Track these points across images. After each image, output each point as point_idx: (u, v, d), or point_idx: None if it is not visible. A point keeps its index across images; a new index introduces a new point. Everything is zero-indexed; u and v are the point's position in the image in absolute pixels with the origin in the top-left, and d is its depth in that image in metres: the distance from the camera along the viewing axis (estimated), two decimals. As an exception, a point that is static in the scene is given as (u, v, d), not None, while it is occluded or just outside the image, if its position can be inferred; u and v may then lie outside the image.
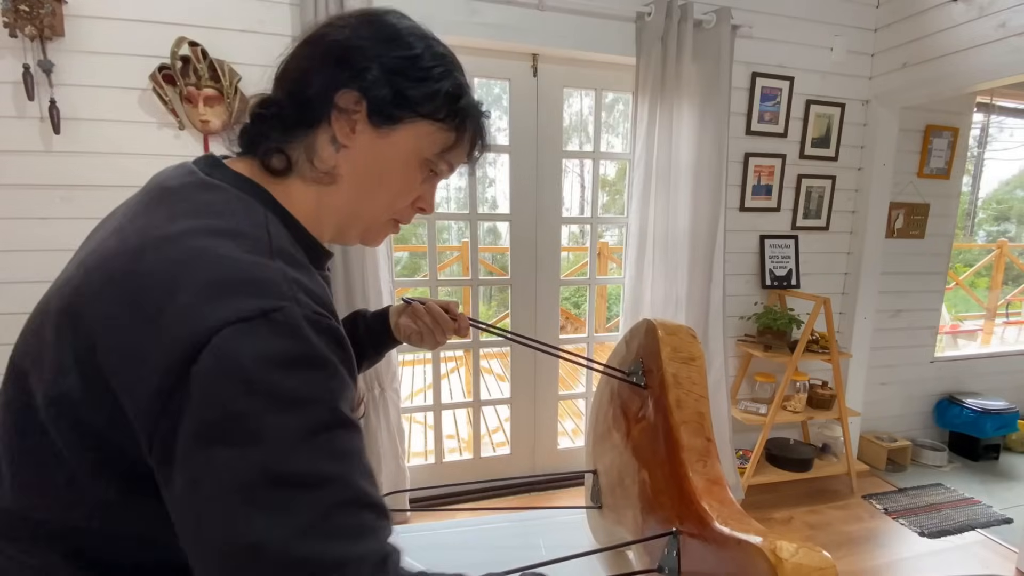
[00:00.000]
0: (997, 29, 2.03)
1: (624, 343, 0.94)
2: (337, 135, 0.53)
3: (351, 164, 0.54)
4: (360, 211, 0.58)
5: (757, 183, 2.54)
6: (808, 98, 2.53)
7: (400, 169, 0.56)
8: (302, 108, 0.53)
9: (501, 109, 2.36)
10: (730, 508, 0.59)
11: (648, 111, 2.22)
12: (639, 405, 0.82)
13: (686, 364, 0.75)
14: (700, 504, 0.59)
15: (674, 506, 0.66)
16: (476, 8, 2.03)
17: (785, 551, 0.45)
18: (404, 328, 0.86)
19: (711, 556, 0.56)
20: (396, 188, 0.58)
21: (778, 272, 2.62)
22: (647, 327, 0.84)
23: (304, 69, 0.54)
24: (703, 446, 0.67)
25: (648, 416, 0.78)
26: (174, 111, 1.80)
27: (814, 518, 2.39)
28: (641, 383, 0.82)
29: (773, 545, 0.46)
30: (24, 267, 1.77)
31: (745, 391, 2.74)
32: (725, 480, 0.64)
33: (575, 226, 5.75)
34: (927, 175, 2.84)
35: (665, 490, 0.69)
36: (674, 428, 0.69)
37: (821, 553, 0.46)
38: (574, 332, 4.86)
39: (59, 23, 1.66)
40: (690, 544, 0.61)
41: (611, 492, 0.91)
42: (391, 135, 0.54)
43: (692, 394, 0.72)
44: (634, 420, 0.83)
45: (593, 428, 1.07)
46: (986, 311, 4.83)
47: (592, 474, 1.03)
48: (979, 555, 2.14)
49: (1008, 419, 2.93)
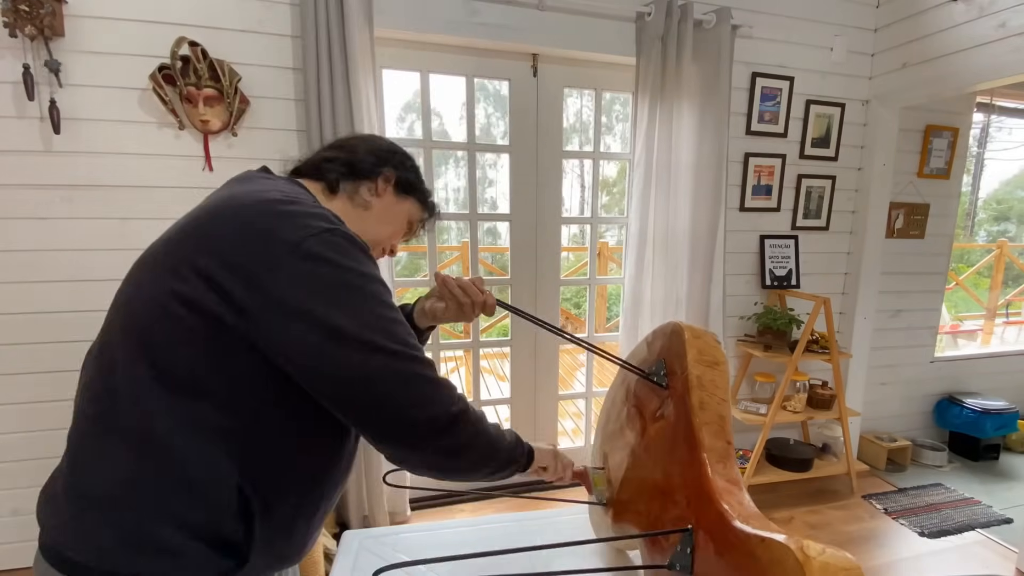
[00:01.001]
0: (997, 29, 2.03)
1: (646, 344, 0.96)
2: (377, 188, 0.87)
3: (377, 206, 0.88)
4: (369, 233, 0.85)
5: (757, 183, 2.54)
6: (808, 98, 2.53)
7: (401, 219, 0.92)
8: (356, 171, 0.86)
9: (501, 109, 2.36)
10: (749, 509, 0.59)
11: (648, 111, 2.22)
12: (658, 405, 0.83)
13: (710, 368, 0.76)
14: (720, 503, 0.60)
15: (691, 504, 0.66)
16: (476, 8, 2.03)
17: (813, 550, 0.46)
18: (431, 310, 0.96)
19: (728, 555, 0.56)
20: (393, 229, 0.92)
21: (778, 272, 2.62)
22: (673, 329, 0.85)
23: (363, 151, 0.88)
24: (723, 448, 0.68)
25: (668, 416, 0.79)
26: (174, 111, 1.80)
27: (814, 518, 2.39)
28: (663, 383, 0.83)
29: (800, 544, 0.46)
30: (24, 267, 1.77)
31: (745, 391, 2.74)
32: (740, 482, 0.65)
33: (575, 226, 5.75)
34: (927, 175, 2.84)
35: (681, 488, 0.70)
36: (696, 429, 0.70)
37: (847, 555, 0.46)
38: (574, 332, 4.84)
39: (59, 23, 1.66)
40: (705, 542, 0.61)
41: (620, 489, 0.92)
42: (402, 202, 0.91)
43: (715, 397, 0.73)
44: (651, 419, 0.84)
45: (604, 426, 1.07)
46: (986, 311, 4.83)
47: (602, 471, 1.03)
48: (979, 555, 2.14)
49: (1008, 419, 2.93)
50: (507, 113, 2.30)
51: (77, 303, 1.83)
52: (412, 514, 2.29)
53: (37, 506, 0.71)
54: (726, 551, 0.56)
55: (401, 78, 2.19)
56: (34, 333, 1.82)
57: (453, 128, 7.53)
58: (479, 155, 2.31)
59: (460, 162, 2.36)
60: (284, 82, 1.91)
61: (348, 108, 1.86)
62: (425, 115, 2.20)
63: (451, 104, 2.39)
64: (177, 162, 1.85)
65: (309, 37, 1.80)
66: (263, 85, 1.89)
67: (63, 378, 1.86)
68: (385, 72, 2.09)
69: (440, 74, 2.17)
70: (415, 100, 2.45)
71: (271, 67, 1.89)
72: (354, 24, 1.81)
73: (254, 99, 1.88)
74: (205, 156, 1.87)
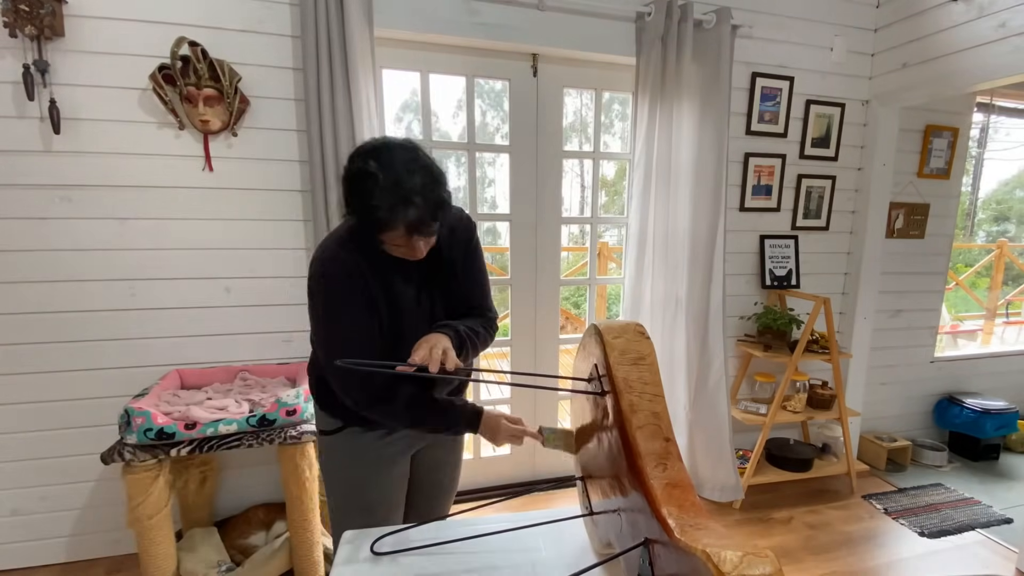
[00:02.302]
0: (997, 29, 2.03)
1: (584, 351, 0.91)
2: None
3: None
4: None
5: (757, 183, 2.54)
6: (808, 98, 2.53)
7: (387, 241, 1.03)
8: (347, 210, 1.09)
9: (501, 109, 2.36)
10: (689, 512, 0.57)
11: (648, 111, 2.22)
12: (603, 412, 0.80)
13: (636, 365, 0.72)
14: (660, 512, 0.58)
15: (642, 514, 0.64)
16: (476, 8, 2.03)
17: (728, 563, 0.44)
18: (502, 429, 1.15)
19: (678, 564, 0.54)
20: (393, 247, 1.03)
21: (778, 272, 2.62)
22: (593, 332, 0.81)
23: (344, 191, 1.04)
24: (661, 448, 0.65)
25: (610, 423, 0.76)
26: (174, 111, 1.80)
27: (814, 518, 2.39)
28: (599, 391, 0.79)
29: (718, 556, 0.45)
30: (24, 267, 1.77)
31: (745, 391, 2.74)
32: (688, 480, 0.62)
33: (575, 226, 5.74)
34: (927, 175, 2.84)
35: (632, 498, 0.67)
36: (630, 435, 0.67)
37: (766, 560, 0.45)
38: (574, 332, 4.85)
39: (59, 23, 1.66)
40: (661, 553, 0.59)
41: (597, 500, 0.90)
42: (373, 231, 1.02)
43: (645, 395, 0.70)
44: (602, 428, 0.81)
45: (577, 436, 1.06)
46: (986, 311, 4.83)
47: (581, 481, 1.03)
48: (979, 555, 2.14)
49: (1008, 419, 2.93)
50: (507, 113, 2.30)
51: (77, 303, 1.83)
52: (412, 514, 2.29)
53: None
54: (676, 561, 0.54)
55: (399, 78, 2.19)
56: (34, 333, 1.82)
57: (453, 128, 7.52)
58: (478, 154, 2.32)
59: (461, 162, 2.35)
60: (284, 82, 1.91)
61: (348, 108, 1.86)
62: (425, 115, 2.20)
63: (451, 104, 2.39)
64: (177, 162, 1.84)
65: (309, 37, 1.80)
66: (263, 85, 1.89)
67: (63, 378, 1.86)
68: (385, 72, 2.09)
69: (440, 74, 2.17)
70: (412, 99, 2.45)
71: (271, 67, 1.89)
72: (354, 24, 1.81)
73: (254, 99, 1.88)
74: (205, 156, 1.86)
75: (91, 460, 1.92)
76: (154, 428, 1.50)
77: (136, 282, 1.85)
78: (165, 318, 1.91)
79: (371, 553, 0.98)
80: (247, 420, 1.58)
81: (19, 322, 1.80)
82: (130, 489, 1.53)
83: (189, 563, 1.73)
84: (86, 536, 1.99)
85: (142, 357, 1.92)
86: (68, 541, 1.98)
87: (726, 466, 2.43)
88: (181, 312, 1.93)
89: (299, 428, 1.63)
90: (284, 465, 1.65)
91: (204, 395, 1.79)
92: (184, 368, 1.94)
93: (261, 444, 1.59)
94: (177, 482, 1.88)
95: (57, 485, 1.93)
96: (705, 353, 2.40)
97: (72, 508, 1.97)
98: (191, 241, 1.88)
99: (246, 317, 2.00)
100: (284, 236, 1.99)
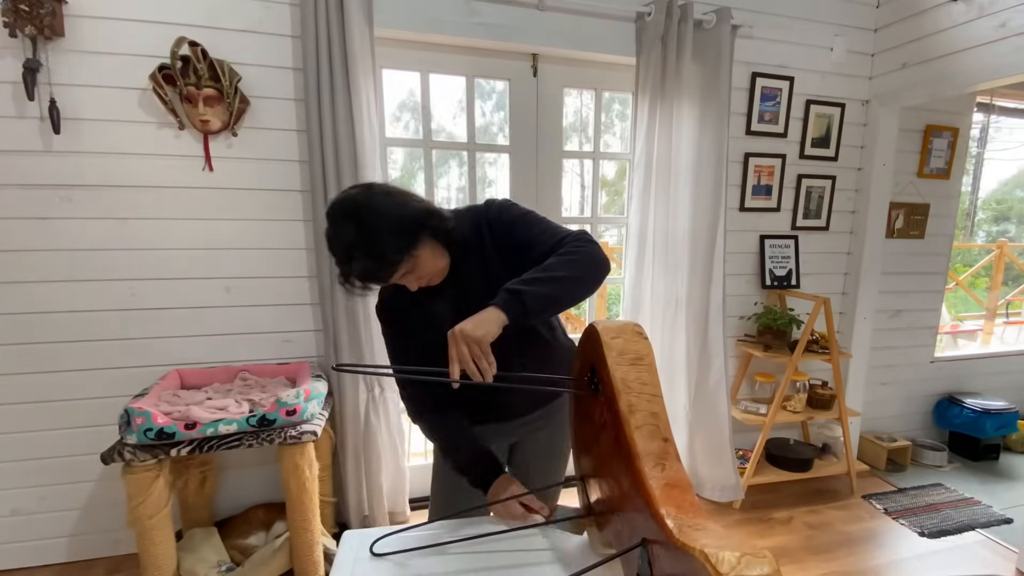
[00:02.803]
0: (997, 29, 2.03)
1: (580, 350, 0.91)
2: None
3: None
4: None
5: (757, 183, 2.54)
6: (808, 98, 2.53)
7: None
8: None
9: (501, 109, 2.36)
10: (688, 512, 0.57)
11: (648, 111, 2.22)
12: (600, 413, 0.80)
13: (634, 365, 0.72)
14: (659, 512, 0.58)
15: (642, 515, 0.64)
16: (476, 8, 2.03)
17: (726, 563, 0.45)
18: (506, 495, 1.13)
19: (677, 564, 0.54)
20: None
21: (778, 272, 2.62)
22: (590, 332, 0.80)
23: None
24: (660, 449, 0.65)
25: (607, 424, 0.75)
26: (174, 111, 1.80)
27: (814, 518, 2.39)
28: (596, 391, 0.79)
29: (716, 557, 0.45)
30: (24, 267, 1.77)
31: (745, 391, 2.74)
32: (686, 480, 0.62)
33: (575, 226, 5.74)
34: (927, 175, 2.84)
35: (631, 498, 0.67)
36: (629, 435, 0.66)
37: (764, 560, 0.45)
38: (574, 332, 4.84)
39: (59, 23, 1.66)
40: (659, 553, 0.59)
41: (596, 502, 0.90)
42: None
43: (643, 395, 0.69)
44: (600, 428, 0.80)
45: (575, 438, 1.06)
46: (986, 311, 4.83)
47: (581, 481, 1.03)
48: (979, 555, 2.14)
49: (1008, 419, 2.93)
50: (507, 113, 2.30)
51: (77, 303, 1.83)
52: (412, 514, 2.29)
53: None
54: (675, 561, 0.55)
55: (399, 78, 2.19)
56: (34, 333, 1.82)
57: (453, 128, 7.49)
58: (479, 154, 2.31)
59: (461, 161, 2.35)
60: (284, 82, 1.91)
61: (348, 108, 1.86)
62: (425, 115, 2.20)
63: (451, 104, 2.39)
64: (177, 162, 1.84)
65: (309, 37, 1.80)
66: (263, 85, 1.89)
67: (63, 378, 1.86)
68: (385, 72, 2.09)
69: (440, 74, 2.17)
70: (409, 99, 2.45)
71: (271, 67, 1.89)
72: (354, 24, 1.81)
73: (254, 99, 1.88)
74: (205, 156, 1.86)
75: (91, 460, 1.91)
76: (154, 428, 1.50)
77: (136, 282, 1.85)
78: (165, 318, 1.91)
79: (371, 554, 0.98)
80: (247, 420, 1.58)
81: (19, 322, 1.80)
82: (130, 489, 1.53)
83: (189, 563, 1.73)
84: (86, 536, 1.99)
85: (142, 357, 1.92)
86: (68, 541, 1.98)
87: (726, 466, 2.43)
88: (181, 312, 1.93)
89: (299, 428, 1.64)
90: (284, 465, 1.65)
91: (204, 395, 1.79)
92: (184, 368, 1.94)
93: (261, 444, 1.59)
94: (177, 482, 1.88)
95: (57, 485, 1.93)
96: (705, 353, 2.40)
97: (72, 508, 1.97)
98: (191, 241, 1.88)
99: (246, 317, 2.00)
100: (284, 236, 1.99)
